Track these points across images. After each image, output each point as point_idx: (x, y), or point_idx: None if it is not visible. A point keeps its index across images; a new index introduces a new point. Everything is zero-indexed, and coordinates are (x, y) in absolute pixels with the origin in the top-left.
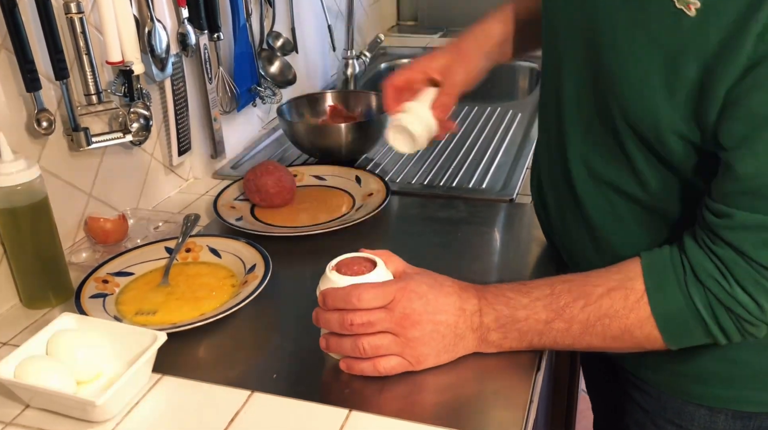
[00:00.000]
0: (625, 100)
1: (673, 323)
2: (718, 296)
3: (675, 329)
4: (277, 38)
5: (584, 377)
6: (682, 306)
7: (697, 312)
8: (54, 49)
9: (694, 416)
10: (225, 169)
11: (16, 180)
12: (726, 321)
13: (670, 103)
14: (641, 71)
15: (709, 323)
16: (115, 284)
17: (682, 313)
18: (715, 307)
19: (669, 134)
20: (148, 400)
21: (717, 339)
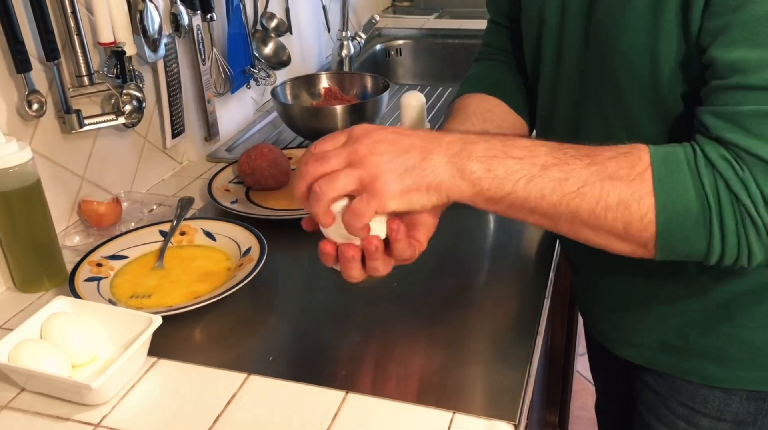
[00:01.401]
0: (621, 40)
1: (672, 204)
2: (728, 179)
3: (672, 212)
4: (271, 19)
5: (589, 360)
6: (687, 185)
7: (702, 193)
8: (44, 29)
9: (708, 398)
10: (219, 152)
11: (8, 162)
12: (728, 211)
13: (660, 25)
14: (633, 17)
15: (711, 209)
16: (110, 268)
17: (686, 193)
18: (722, 192)
19: (664, 66)
20: (143, 383)
21: (712, 237)
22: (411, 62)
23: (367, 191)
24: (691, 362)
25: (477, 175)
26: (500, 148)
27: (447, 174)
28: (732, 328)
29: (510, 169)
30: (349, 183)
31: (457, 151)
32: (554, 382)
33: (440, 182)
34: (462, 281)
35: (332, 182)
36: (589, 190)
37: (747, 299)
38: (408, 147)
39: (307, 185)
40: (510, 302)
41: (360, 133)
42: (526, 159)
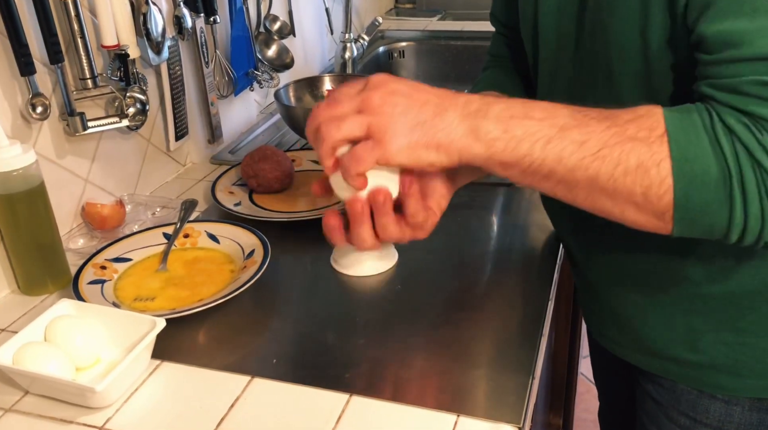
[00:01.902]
0: (612, 24)
1: (690, 169)
2: (747, 144)
3: (690, 177)
4: (274, 21)
5: (592, 366)
6: (705, 149)
7: (722, 157)
8: (48, 32)
9: (709, 408)
10: (222, 154)
11: (12, 165)
12: (750, 177)
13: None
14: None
15: (732, 174)
16: (114, 270)
17: (705, 157)
18: (742, 157)
19: (654, 45)
20: (147, 386)
21: (733, 206)
22: (414, 64)
23: (373, 138)
24: (698, 370)
25: (492, 136)
26: (520, 108)
27: (460, 133)
28: (740, 335)
29: (528, 130)
30: (355, 128)
31: (473, 111)
32: (558, 384)
33: (452, 141)
34: (466, 283)
35: (338, 124)
36: (608, 152)
37: (753, 301)
38: (423, 101)
39: (315, 127)
40: (514, 304)
41: (377, 81)
42: (546, 120)
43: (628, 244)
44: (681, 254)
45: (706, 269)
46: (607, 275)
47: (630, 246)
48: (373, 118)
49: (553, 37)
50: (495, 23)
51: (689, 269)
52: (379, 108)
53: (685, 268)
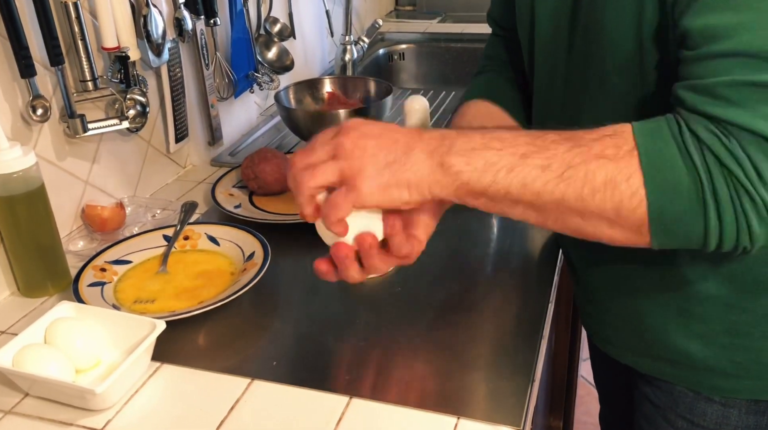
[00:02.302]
0: (606, 27)
1: (662, 180)
2: (716, 152)
3: (662, 189)
4: (274, 23)
5: (592, 368)
6: (675, 159)
7: (692, 166)
8: (49, 34)
9: (706, 411)
10: (223, 156)
11: (12, 167)
12: (721, 185)
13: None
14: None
15: (703, 183)
16: (114, 273)
17: (675, 168)
18: (712, 166)
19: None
20: (147, 388)
21: (707, 215)
22: (414, 66)
23: (346, 184)
24: (694, 372)
25: (457, 169)
26: (479, 140)
27: (427, 170)
28: (735, 336)
29: (489, 160)
30: (328, 175)
31: (436, 147)
32: (558, 387)
33: (420, 178)
34: (466, 286)
35: (312, 173)
36: (573, 173)
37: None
38: (391, 142)
39: (292, 176)
40: (514, 306)
41: (349, 126)
42: (506, 149)
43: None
44: (676, 256)
45: (701, 270)
46: (603, 277)
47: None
48: (345, 162)
49: (549, 38)
50: (492, 24)
51: (684, 271)
52: (350, 152)
53: (680, 269)
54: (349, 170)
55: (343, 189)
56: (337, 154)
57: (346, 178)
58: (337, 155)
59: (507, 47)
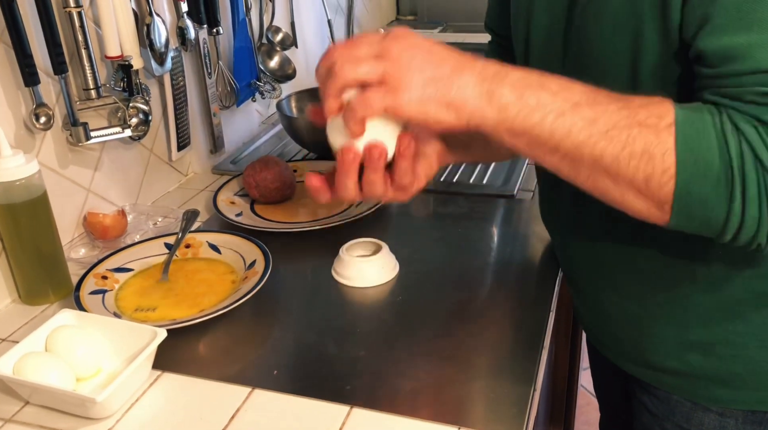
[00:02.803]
0: (603, 51)
1: (693, 161)
2: (753, 143)
3: (693, 170)
4: (276, 33)
5: (592, 377)
6: (711, 143)
7: (726, 153)
8: (52, 43)
9: (703, 420)
10: (224, 165)
11: (15, 175)
12: (752, 176)
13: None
14: (611, 14)
15: (734, 171)
16: (115, 280)
17: (710, 152)
18: (746, 156)
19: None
20: (148, 397)
21: (732, 202)
22: None
23: (386, 86)
24: (691, 382)
25: (506, 101)
26: (536, 78)
27: (474, 94)
28: (732, 347)
29: (542, 100)
30: (371, 72)
31: (490, 75)
32: (558, 396)
33: (465, 101)
34: (466, 294)
35: (355, 65)
36: (617, 134)
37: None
38: (441, 58)
39: (329, 64)
40: (515, 316)
41: (399, 33)
42: (561, 94)
43: (621, 255)
44: (674, 264)
45: (700, 279)
46: (600, 285)
47: (623, 257)
48: (390, 65)
49: (543, 51)
50: (489, 32)
51: (683, 281)
52: (397, 57)
53: (679, 279)
54: (392, 74)
55: (381, 88)
56: (383, 56)
57: (387, 80)
58: (382, 57)
59: (505, 55)
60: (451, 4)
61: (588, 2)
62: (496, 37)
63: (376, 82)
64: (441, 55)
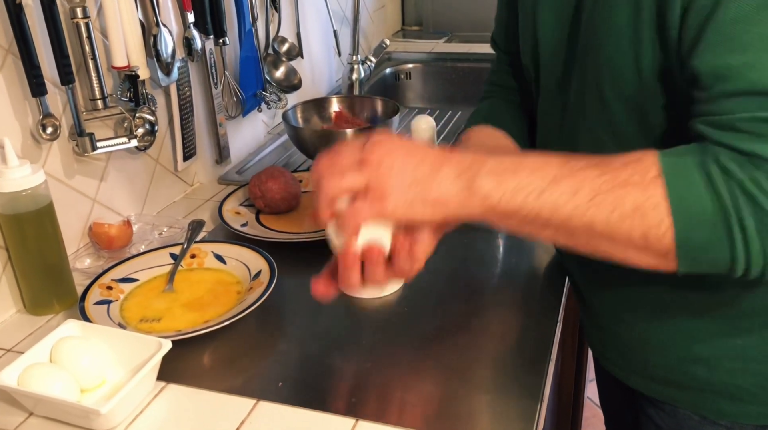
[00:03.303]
0: (605, 54)
1: (687, 208)
2: (741, 181)
3: (688, 217)
4: (282, 43)
5: (598, 390)
6: (700, 188)
7: (717, 196)
8: (60, 54)
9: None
10: (230, 175)
11: (21, 185)
12: (747, 213)
13: (640, 31)
14: (615, 26)
15: (729, 211)
16: (120, 291)
17: (700, 197)
18: (737, 194)
19: (647, 74)
20: (152, 408)
21: (734, 242)
22: (420, 86)
23: (371, 195)
24: (698, 395)
25: (486, 190)
26: (509, 162)
27: (455, 189)
28: (740, 360)
29: (521, 182)
30: (355, 182)
31: (465, 168)
32: (564, 408)
33: (447, 198)
34: (472, 306)
35: (339, 177)
36: (602, 199)
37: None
38: (420, 159)
39: (315, 178)
40: (521, 328)
41: (377, 138)
42: (537, 173)
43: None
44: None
45: (707, 294)
46: (607, 299)
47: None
48: (372, 173)
49: (550, 62)
50: (495, 48)
51: (689, 294)
52: (377, 164)
53: (685, 293)
54: (376, 182)
55: (368, 198)
56: (364, 166)
57: (372, 188)
58: (364, 166)
59: (510, 72)
60: (457, 15)
61: (592, 14)
62: (502, 54)
63: (362, 190)
64: (419, 155)
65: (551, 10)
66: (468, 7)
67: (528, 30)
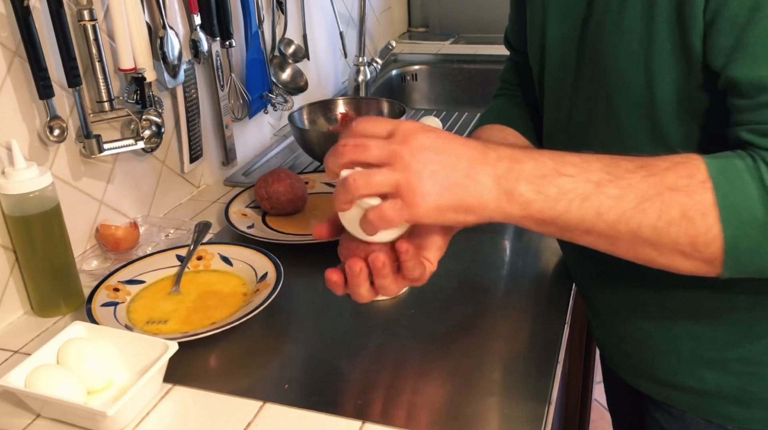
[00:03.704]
0: (614, 58)
1: (737, 216)
2: None
3: (738, 224)
4: (288, 45)
5: (606, 393)
6: (752, 194)
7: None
8: (67, 56)
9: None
10: (236, 176)
11: (28, 187)
12: None
13: (653, 39)
14: (626, 30)
15: None
16: (127, 292)
17: (752, 203)
18: None
19: (659, 83)
20: (158, 410)
21: None
22: (426, 87)
23: (402, 198)
24: (706, 400)
25: (526, 198)
26: (550, 165)
27: (492, 196)
28: (748, 364)
29: (562, 188)
30: (384, 185)
31: (504, 172)
32: (572, 411)
33: (483, 204)
34: (479, 308)
35: (368, 179)
36: (649, 205)
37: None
38: (454, 159)
39: (340, 166)
40: (528, 330)
41: (406, 131)
42: (580, 176)
43: (635, 273)
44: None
45: (715, 297)
46: (614, 302)
47: (637, 276)
48: (402, 176)
49: (558, 65)
50: (508, 47)
51: (697, 297)
52: (408, 164)
53: (693, 296)
54: (406, 185)
55: (398, 203)
56: (394, 164)
57: (402, 192)
58: (393, 164)
59: (521, 71)
60: (463, 16)
61: (602, 18)
62: (514, 53)
63: (392, 194)
64: (452, 154)
65: (559, 16)
66: (474, 8)
67: (536, 35)
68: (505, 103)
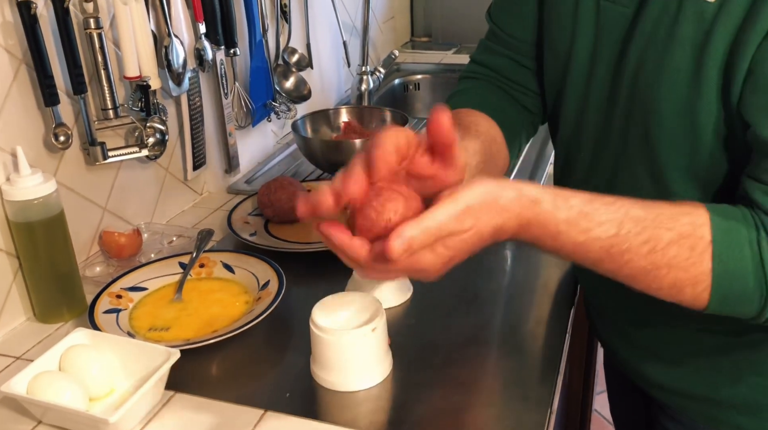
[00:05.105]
0: (657, 93)
1: (729, 284)
2: None
3: (728, 290)
4: (292, 54)
5: (609, 402)
6: (747, 268)
7: (762, 274)
8: (73, 64)
9: None
10: (239, 184)
11: (32, 194)
12: None
13: (701, 82)
14: (674, 74)
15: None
16: (129, 299)
17: (745, 276)
18: None
19: (704, 125)
20: (160, 417)
21: (764, 307)
22: (429, 96)
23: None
24: (718, 410)
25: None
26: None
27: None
28: (762, 376)
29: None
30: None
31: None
32: (572, 421)
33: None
34: (480, 318)
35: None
36: (643, 276)
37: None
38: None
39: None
40: (530, 340)
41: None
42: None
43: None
44: None
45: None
46: (626, 311)
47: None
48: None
49: (584, 81)
50: (491, 23)
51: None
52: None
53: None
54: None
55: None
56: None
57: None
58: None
59: (503, 53)
60: (466, 25)
61: (643, 55)
62: (499, 31)
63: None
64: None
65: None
66: (477, 18)
67: (563, 37)
68: (478, 86)
